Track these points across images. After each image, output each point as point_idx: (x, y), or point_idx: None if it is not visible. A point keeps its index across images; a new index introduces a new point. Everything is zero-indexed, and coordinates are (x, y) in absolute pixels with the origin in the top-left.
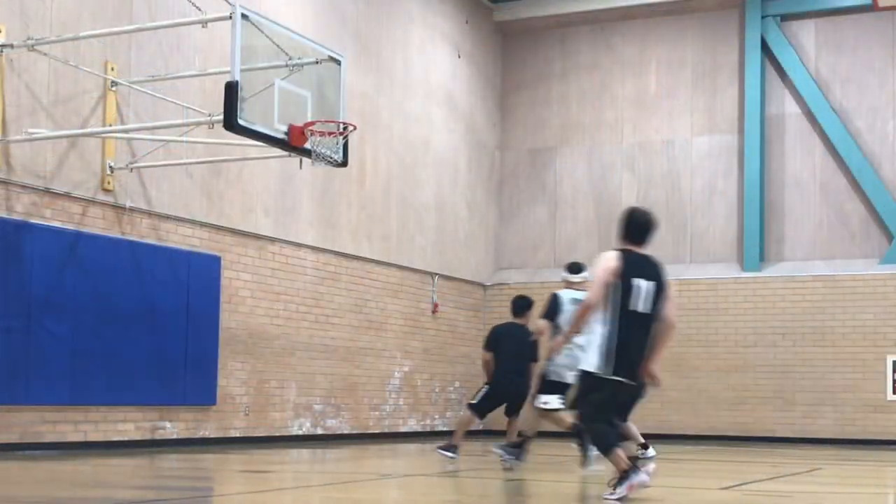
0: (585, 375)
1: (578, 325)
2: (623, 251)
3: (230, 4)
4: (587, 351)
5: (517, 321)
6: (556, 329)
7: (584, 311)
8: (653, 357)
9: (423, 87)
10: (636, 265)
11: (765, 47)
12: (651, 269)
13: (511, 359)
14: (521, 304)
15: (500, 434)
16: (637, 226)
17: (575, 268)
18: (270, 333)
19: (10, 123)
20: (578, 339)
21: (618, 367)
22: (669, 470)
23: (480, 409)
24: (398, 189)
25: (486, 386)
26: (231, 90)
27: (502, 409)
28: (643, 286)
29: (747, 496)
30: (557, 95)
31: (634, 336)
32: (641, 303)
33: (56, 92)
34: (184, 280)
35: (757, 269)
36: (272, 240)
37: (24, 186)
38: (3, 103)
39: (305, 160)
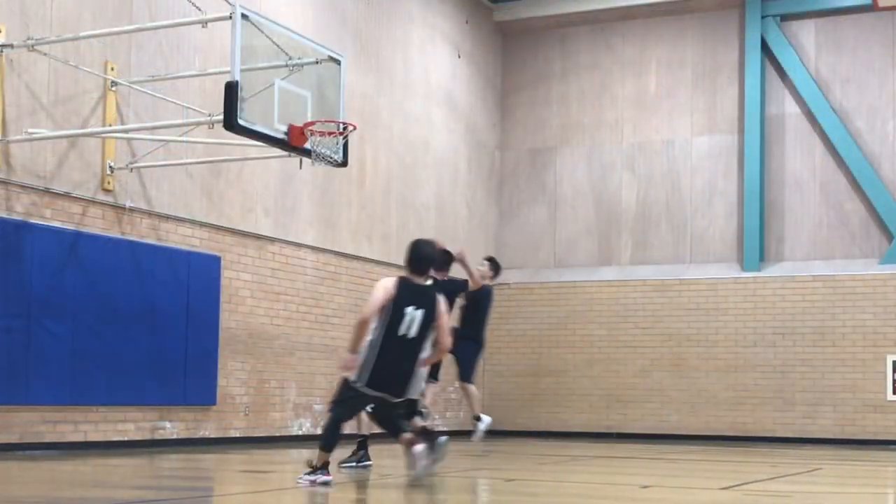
0: (344, 382)
1: (355, 340)
2: (401, 279)
3: (230, 4)
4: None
5: None
6: None
7: (360, 327)
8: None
9: (423, 88)
10: (410, 294)
11: (765, 47)
12: (424, 299)
13: None
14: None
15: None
16: (417, 257)
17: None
18: (270, 333)
19: (10, 123)
20: None
21: (372, 382)
22: (669, 470)
23: None
24: (398, 189)
25: None
26: (231, 90)
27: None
28: (413, 314)
29: (747, 496)
30: (557, 95)
31: (395, 357)
32: (407, 328)
33: (56, 92)
34: (184, 280)
35: (757, 269)
36: (272, 240)
37: (24, 186)
38: (3, 103)
39: (305, 160)
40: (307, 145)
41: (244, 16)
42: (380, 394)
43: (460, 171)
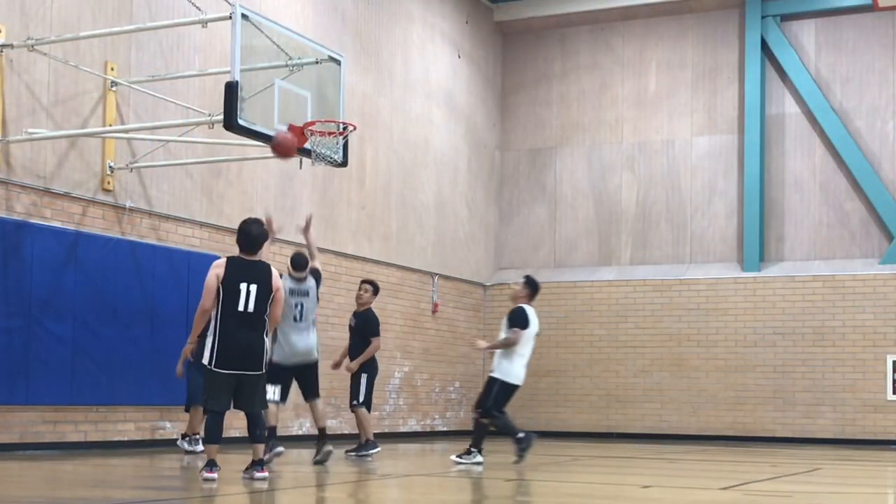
0: (204, 368)
1: (197, 329)
2: (231, 258)
3: (230, 4)
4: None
5: None
6: None
7: (199, 315)
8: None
9: (423, 88)
10: (241, 270)
11: (765, 47)
12: (257, 274)
13: None
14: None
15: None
16: (244, 237)
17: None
18: None
19: (10, 123)
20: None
21: (220, 360)
22: (669, 470)
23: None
24: (398, 189)
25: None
26: (231, 90)
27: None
28: (247, 289)
29: (747, 496)
30: (557, 95)
31: (239, 332)
32: (244, 304)
33: (56, 92)
34: (184, 280)
35: (757, 269)
36: (272, 240)
37: (23, 186)
38: (3, 103)
39: (305, 160)
40: (307, 145)
41: (244, 16)
42: (234, 371)
43: (460, 171)
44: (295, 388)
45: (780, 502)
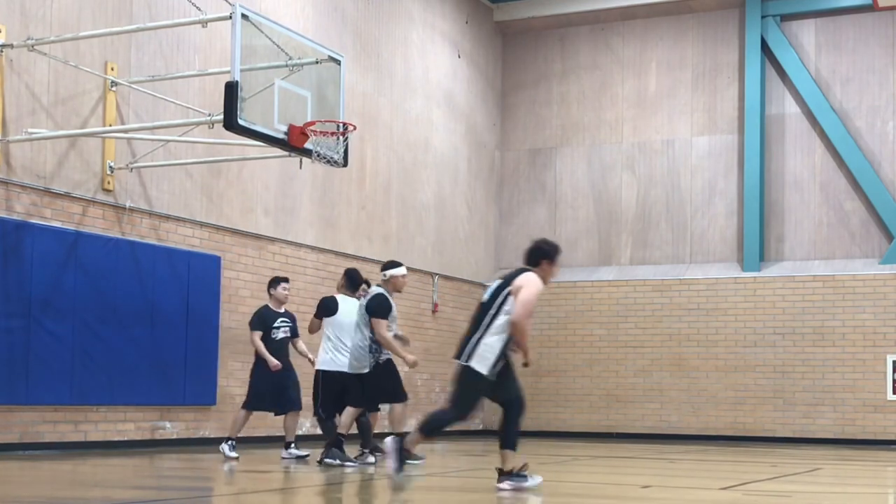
0: (482, 377)
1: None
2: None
3: (230, 4)
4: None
5: None
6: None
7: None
8: None
9: (423, 87)
10: None
11: (765, 47)
12: None
13: None
14: None
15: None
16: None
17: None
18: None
19: (10, 123)
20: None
21: (494, 368)
22: (669, 470)
23: None
24: (398, 189)
25: None
26: (231, 90)
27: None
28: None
29: (747, 496)
30: (557, 95)
31: None
32: None
33: (56, 92)
34: (184, 280)
35: (757, 269)
36: (272, 240)
37: (23, 186)
38: (3, 103)
39: (305, 160)
40: (307, 145)
41: (244, 16)
42: None
43: (460, 171)
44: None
45: (780, 502)
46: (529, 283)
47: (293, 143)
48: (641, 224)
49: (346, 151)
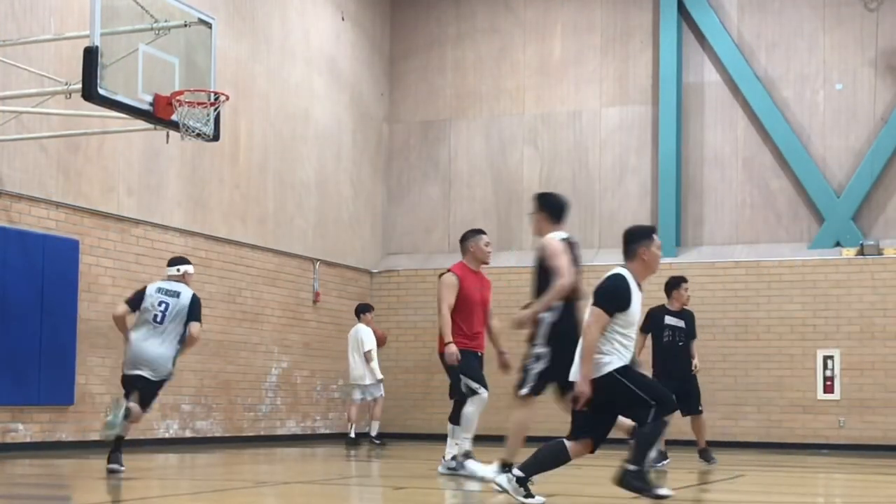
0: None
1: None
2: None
3: None
4: None
5: None
6: None
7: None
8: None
9: (303, 53)
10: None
11: (682, 9)
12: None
13: None
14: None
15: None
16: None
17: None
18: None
19: None
20: None
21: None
22: (575, 477)
23: None
24: (275, 166)
25: None
26: (90, 56)
27: None
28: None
29: None
30: (452, 62)
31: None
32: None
33: None
34: (38, 267)
35: (673, 255)
36: (136, 222)
37: None
38: None
39: (173, 134)
40: (174, 117)
41: None
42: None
43: (344, 146)
44: (169, 385)
45: None
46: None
47: (159, 114)
48: None
49: (217, 124)
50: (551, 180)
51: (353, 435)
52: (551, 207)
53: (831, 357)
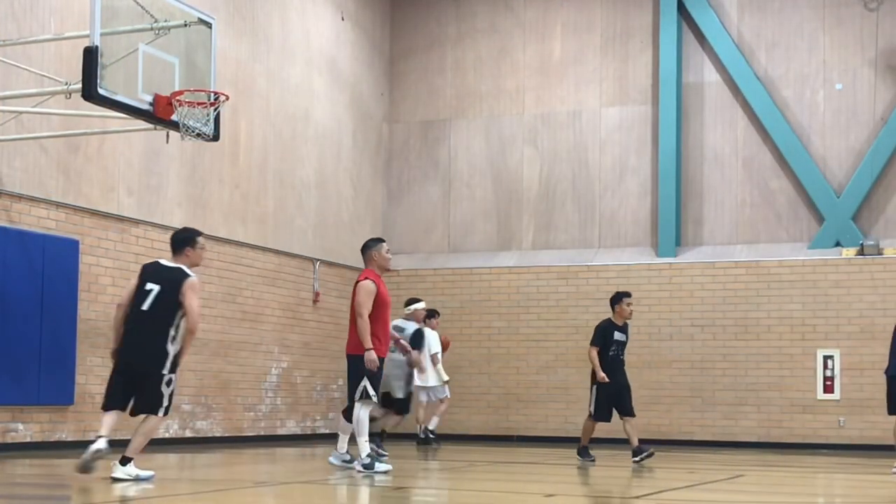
0: None
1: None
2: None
3: None
4: None
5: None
6: None
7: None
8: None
9: (304, 53)
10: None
11: (682, 9)
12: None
13: None
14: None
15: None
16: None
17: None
18: None
19: None
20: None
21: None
22: (575, 477)
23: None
24: (275, 166)
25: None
26: (90, 56)
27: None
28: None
29: None
30: (452, 62)
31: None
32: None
33: None
34: (38, 267)
35: (673, 255)
36: (136, 222)
37: None
38: None
39: (173, 133)
40: (174, 117)
41: None
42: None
43: (344, 146)
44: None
45: None
46: None
47: (159, 114)
48: (545, 204)
49: (217, 124)
50: (551, 180)
51: (422, 435)
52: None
53: (831, 357)
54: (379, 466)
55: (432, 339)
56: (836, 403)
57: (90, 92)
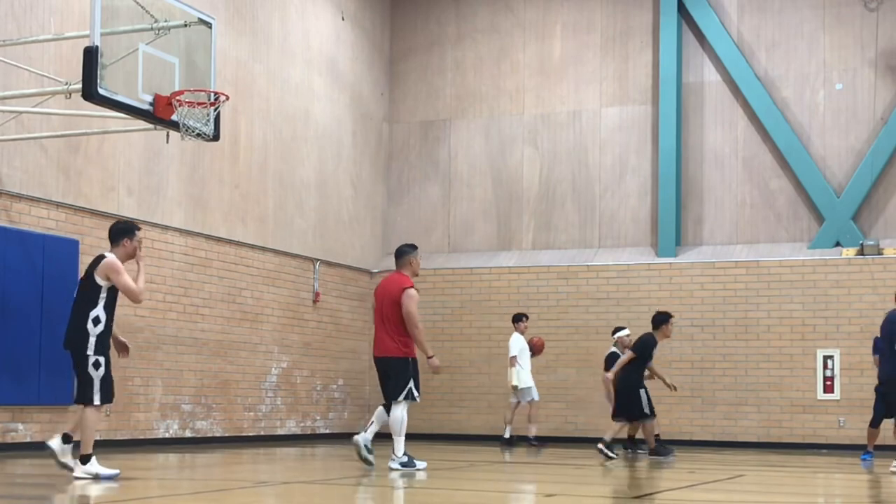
0: None
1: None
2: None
3: None
4: None
5: None
6: None
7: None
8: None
9: (303, 53)
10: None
11: (681, 8)
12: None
13: None
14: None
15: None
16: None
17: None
18: (134, 325)
19: None
20: None
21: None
22: (576, 477)
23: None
24: (275, 166)
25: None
26: (90, 56)
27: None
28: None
29: None
30: (452, 62)
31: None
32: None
33: None
34: (38, 266)
35: (673, 255)
36: (136, 222)
37: None
38: None
39: (173, 133)
40: (175, 117)
41: None
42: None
43: (344, 146)
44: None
45: None
46: None
47: (159, 114)
48: (545, 204)
49: (217, 124)
50: (551, 180)
51: (507, 436)
52: None
53: (831, 357)
54: (418, 464)
55: (514, 342)
56: (836, 403)
57: (90, 92)
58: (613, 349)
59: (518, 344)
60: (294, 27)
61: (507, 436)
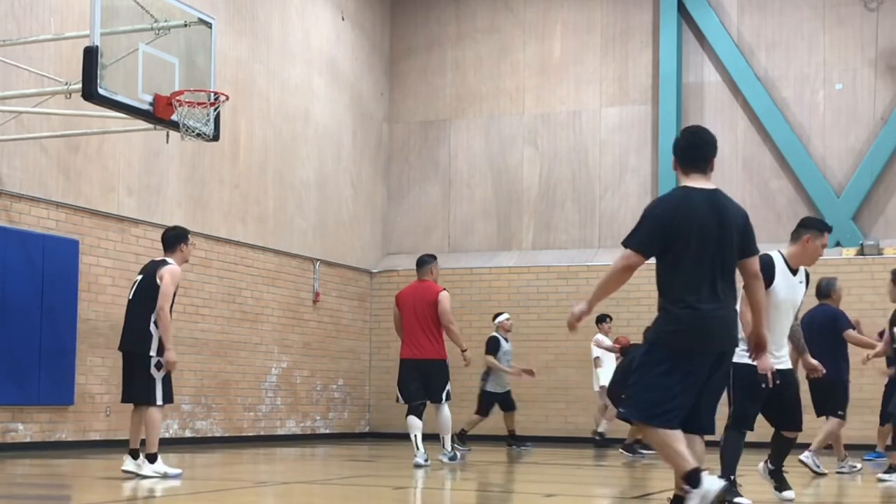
0: None
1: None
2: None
3: None
4: None
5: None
6: None
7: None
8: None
9: (303, 53)
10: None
11: (681, 8)
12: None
13: None
14: None
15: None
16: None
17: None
18: None
19: None
20: None
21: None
22: (576, 477)
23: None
24: (275, 166)
25: None
26: (90, 56)
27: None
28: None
29: None
30: (452, 62)
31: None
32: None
33: None
34: (38, 266)
35: None
36: (136, 222)
37: None
38: None
39: (173, 133)
40: (174, 117)
41: None
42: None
43: (344, 146)
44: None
45: None
46: None
47: (159, 114)
48: (545, 204)
49: (217, 124)
50: (551, 180)
51: (596, 436)
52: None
53: None
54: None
55: (594, 344)
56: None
57: (90, 92)
58: (494, 334)
59: (598, 346)
60: (294, 27)
61: (600, 430)
